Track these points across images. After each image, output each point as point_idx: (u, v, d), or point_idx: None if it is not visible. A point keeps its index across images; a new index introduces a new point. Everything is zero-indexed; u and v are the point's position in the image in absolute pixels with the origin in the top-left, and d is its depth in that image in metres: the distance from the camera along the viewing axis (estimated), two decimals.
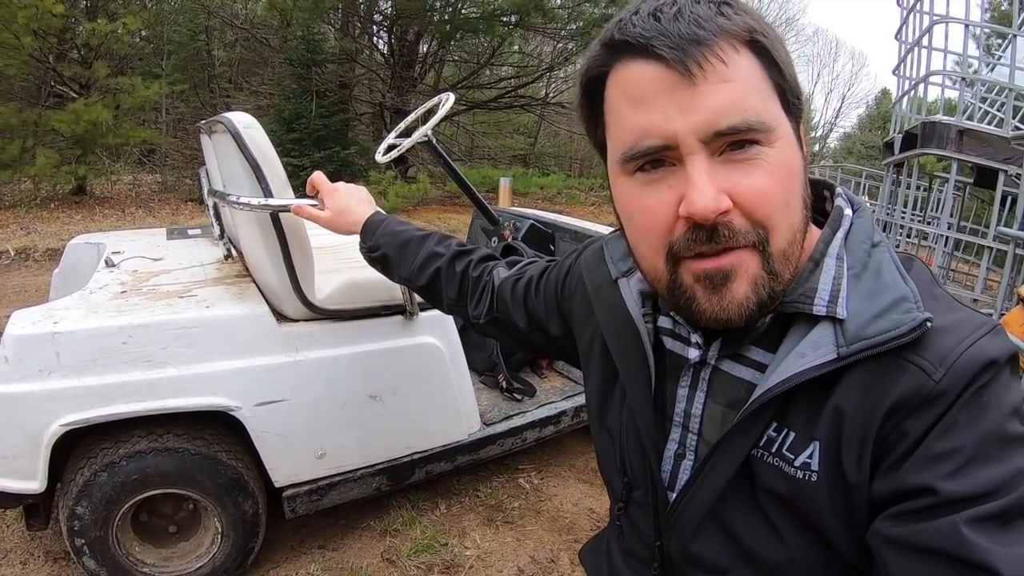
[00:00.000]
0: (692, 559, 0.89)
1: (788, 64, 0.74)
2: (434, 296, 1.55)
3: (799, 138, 0.76)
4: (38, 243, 7.91)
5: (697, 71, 0.68)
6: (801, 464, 0.75)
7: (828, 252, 0.79)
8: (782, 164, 0.72)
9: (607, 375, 1.02)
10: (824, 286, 0.76)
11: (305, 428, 2.31)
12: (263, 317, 2.24)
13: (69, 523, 2.12)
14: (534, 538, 2.85)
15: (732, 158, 0.71)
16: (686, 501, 0.87)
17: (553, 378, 3.50)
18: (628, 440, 0.98)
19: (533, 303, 1.28)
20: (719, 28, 0.69)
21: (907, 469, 0.68)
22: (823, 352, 0.73)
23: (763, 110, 0.71)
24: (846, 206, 0.83)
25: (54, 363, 1.98)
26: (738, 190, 0.70)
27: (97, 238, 3.39)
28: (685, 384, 0.90)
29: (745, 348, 0.83)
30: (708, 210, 0.69)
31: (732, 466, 0.81)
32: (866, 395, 0.72)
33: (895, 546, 0.67)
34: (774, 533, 0.80)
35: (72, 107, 10.01)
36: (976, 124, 6.60)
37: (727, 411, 0.85)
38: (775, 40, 0.73)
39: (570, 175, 20.96)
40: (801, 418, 0.76)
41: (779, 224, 0.73)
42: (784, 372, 0.74)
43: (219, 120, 2.21)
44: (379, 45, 16.10)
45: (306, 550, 2.65)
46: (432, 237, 1.55)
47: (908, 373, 0.70)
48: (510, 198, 9.74)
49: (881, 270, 0.76)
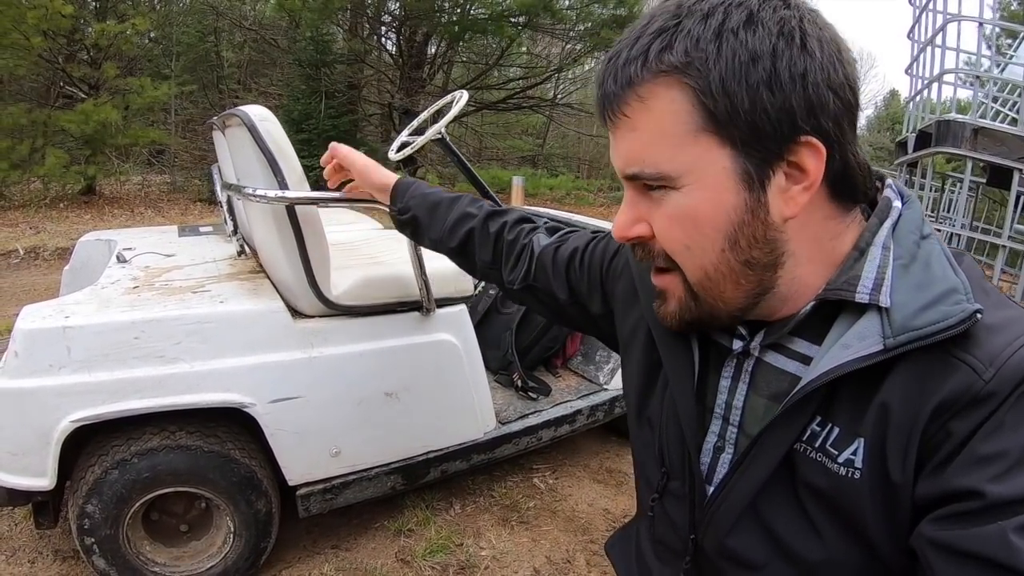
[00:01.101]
0: (728, 554, 0.86)
1: (736, 95, 0.67)
2: (466, 258, 1.49)
3: (750, 176, 0.71)
4: (47, 242, 7.91)
5: (610, 123, 0.76)
6: (845, 461, 0.73)
7: (874, 241, 0.76)
8: (683, 209, 0.74)
9: (650, 364, 0.99)
10: (868, 274, 0.73)
11: (320, 426, 2.27)
12: (278, 313, 2.20)
13: (79, 521, 2.08)
14: (549, 538, 2.81)
15: (649, 194, 0.77)
16: (724, 494, 0.84)
17: (568, 377, 3.46)
18: (668, 430, 0.94)
19: (576, 276, 1.23)
20: (628, 79, 0.72)
21: (952, 471, 0.66)
22: (869, 343, 0.70)
23: (664, 160, 0.72)
24: (895, 197, 0.80)
25: (65, 358, 1.95)
26: (652, 223, 0.78)
27: (108, 235, 3.37)
28: (727, 375, 0.87)
29: (788, 339, 0.81)
30: (617, 233, 0.81)
31: (773, 460, 0.79)
32: (913, 392, 0.69)
33: (941, 550, 0.65)
34: (813, 531, 0.77)
35: (81, 107, 10.07)
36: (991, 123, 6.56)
37: (770, 404, 0.82)
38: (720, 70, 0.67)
39: (579, 176, 20.97)
40: (846, 413, 0.74)
41: (684, 262, 0.77)
42: (828, 363, 0.72)
43: (234, 113, 2.19)
44: (388, 46, 16.18)
45: (319, 550, 2.62)
46: (464, 198, 1.51)
47: (957, 371, 0.67)
48: (523, 197, 9.72)
49: (931, 262, 0.73)
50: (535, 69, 17.26)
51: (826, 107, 0.69)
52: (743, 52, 0.67)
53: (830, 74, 0.69)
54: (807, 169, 0.70)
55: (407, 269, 2.36)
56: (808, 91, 0.68)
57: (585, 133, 20.10)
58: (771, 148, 0.70)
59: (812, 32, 0.69)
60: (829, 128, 0.70)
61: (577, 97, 19.16)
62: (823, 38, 0.69)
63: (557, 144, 22.35)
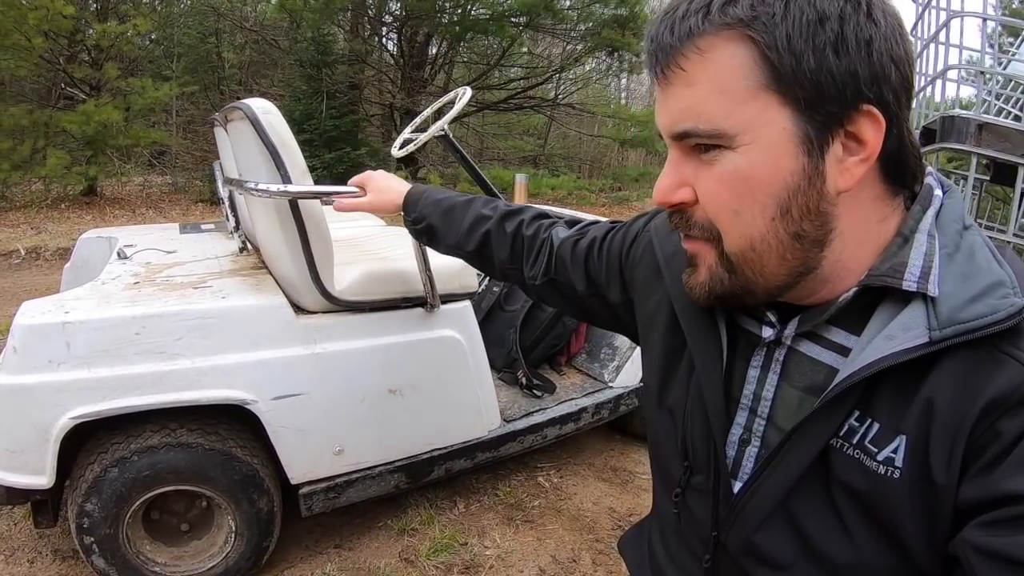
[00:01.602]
0: (754, 552, 0.83)
1: (803, 54, 0.65)
2: (485, 261, 1.49)
3: (811, 141, 0.68)
4: (48, 243, 7.90)
5: (662, 78, 0.73)
6: (884, 459, 0.70)
7: (919, 228, 0.73)
8: (738, 171, 0.70)
9: (672, 349, 0.96)
10: (915, 261, 0.70)
11: (323, 423, 2.25)
12: (280, 308, 2.18)
13: (78, 520, 2.06)
14: (555, 537, 2.79)
15: (699, 156, 0.73)
16: (754, 490, 0.81)
17: (573, 375, 3.44)
18: (692, 421, 0.91)
19: (595, 266, 1.21)
20: (687, 31, 0.69)
21: (1001, 473, 0.62)
22: (914, 335, 0.67)
23: (721, 116, 0.69)
24: (936, 186, 0.77)
25: (64, 354, 1.92)
26: (697, 187, 0.74)
27: (109, 232, 3.35)
28: (757, 364, 0.84)
29: (824, 328, 0.78)
30: (658, 198, 0.77)
31: (808, 456, 0.75)
32: (960, 389, 0.66)
33: (988, 556, 0.61)
34: (844, 531, 0.74)
35: (82, 108, 10.04)
36: (995, 118, 6.54)
37: (804, 396, 0.79)
38: (786, 29, 0.65)
39: (580, 176, 20.92)
40: (887, 408, 0.70)
41: (728, 229, 0.74)
42: (871, 355, 0.69)
43: (236, 107, 2.17)
44: (389, 46, 16.15)
45: (322, 549, 2.60)
46: (477, 200, 1.50)
47: (1007, 368, 0.64)
48: (526, 196, 9.70)
49: (975, 252, 0.71)
50: (536, 69, 17.23)
51: (888, 78, 0.67)
52: (811, 11, 0.65)
53: (892, 45, 0.67)
54: (865, 140, 0.68)
55: (411, 265, 2.34)
56: (872, 59, 0.66)
57: (587, 133, 20.05)
58: (833, 112, 0.67)
59: (877, 2, 0.67)
60: (889, 100, 0.68)
61: (579, 97, 19.11)
62: (886, 9, 0.68)
63: (558, 144, 22.31)
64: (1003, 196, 9.23)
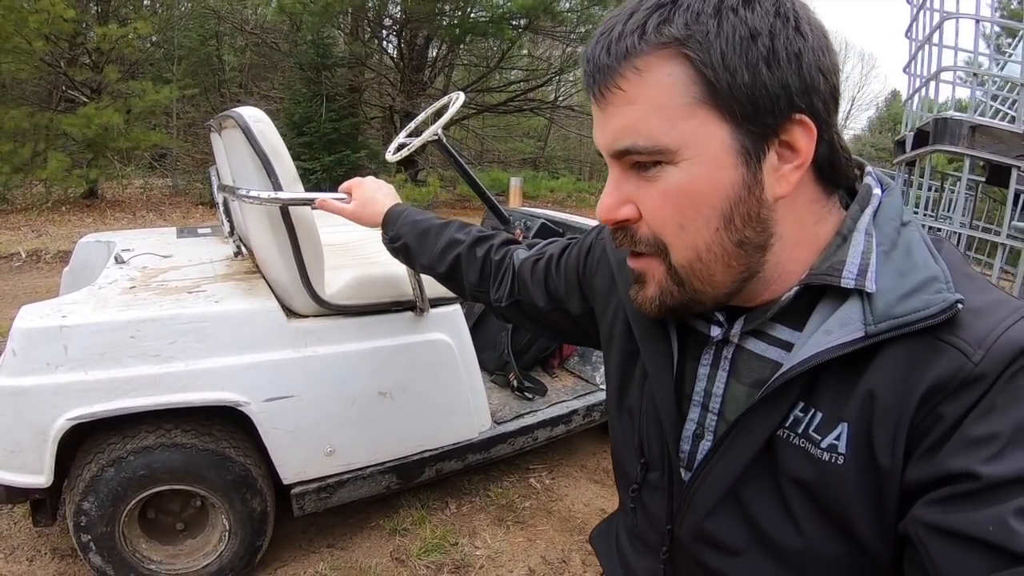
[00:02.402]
0: (706, 538, 0.86)
1: (738, 70, 0.68)
2: (455, 283, 1.52)
3: (748, 152, 0.71)
4: (49, 245, 7.93)
5: (600, 98, 0.75)
6: (828, 445, 0.73)
7: (856, 227, 0.76)
8: (681, 186, 0.72)
9: (629, 354, 1.00)
10: (853, 259, 0.74)
11: (314, 425, 2.29)
12: (272, 312, 2.22)
13: (75, 519, 2.10)
14: (545, 538, 2.82)
15: (640, 173, 0.75)
16: (703, 478, 0.84)
17: (564, 377, 3.48)
18: (647, 420, 0.95)
19: (554, 282, 1.25)
20: (624, 51, 0.71)
21: (945, 453, 0.66)
22: (850, 329, 0.71)
23: (661, 132, 0.71)
24: (875, 185, 0.81)
25: (62, 357, 1.97)
26: (639, 204, 0.76)
27: (107, 236, 3.39)
28: (706, 363, 0.87)
29: (769, 326, 0.81)
30: (602, 215, 0.79)
31: (754, 445, 0.79)
32: (900, 377, 0.69)
33: (937, 532, 0.64)
34: (792, 519, 0.77)
35: (83, 111, 10.08)
36: (988, 120, 6.55)
37: (751, 391, 0.82)
38: (720, 44, 0.68)
39: (580, 178, 20.95)
40: (829, 398, 0.74)
41: (674, 243, 0.76)
42: (811, 349, 0.72)
43: (229, 115, 2.20)
44: (388, 49, 16.17)
45: (314, 549, 2.64)
46: (452, 224, 1.53)
47: (945, 355, 0.67)
48: (520, 198, 9.72)
49: (911, 249, 0.74)
50: (536, 71, 17.26)
51: (818, 88, 0.70)
52: (743, 28, 0.67)
53: (820, 57, 0.70)
54: (799, 147, 0.72)
55: (401, 269, 2.37)
56: (803, 71, 0.69)
57: (586, 135, 20.04)
58: (768, 124, 0.70)
59: (803, 15, 0.70)
60: (819, 108, 0.71)
61: (578, 99, 19.11)
62: (812, 22, 0.71)
63: (558, 146, 22.35)
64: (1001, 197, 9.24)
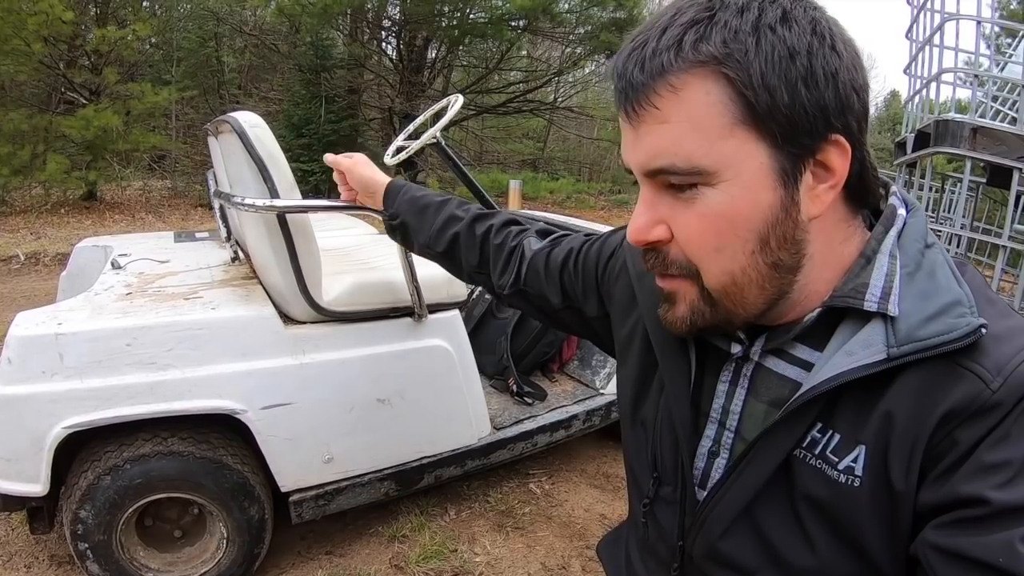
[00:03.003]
0: (719, 558, 0.85)
1: (777, 90, 0.67)
2: (454, 263, 1.49)
3: (787, 173, 0.70)
4: (48, 248, 7.93)
5: (634, 116, 0.72)
6: (845, 468, 0.72)
7: (881, 249, 0.76)
8: (721, 208, 0.71)
9: (646, 366, 0.99)
10: (876, 282, 0.73)
11: (312, 432, 2.28)
12: (269, 319, 2.21)
13: (72, 527, 2.09)
14: (545, 544, 2.81)
15: (675, 194, 0.73)
16: (718, 498, 0.84)
17: (564, 382, 3.47)
18: (662, 434, 0.94)
19: (570, 279, 1.22)
20: (660, 67, 0.69)
21: (958, 478, 0.65)
22: (873, 351, 0.70)
23: (699, 153, 0.69)
24: (900, 206, 0.80)
25: (57, 364, 1.95)
26: (673, 225, 0.75)
27: (104, 241, 3.37)
28: (726, 379, 0.87)
29: (790, 345, 0.80)
30: (633, 237, 0.77)
31: (771, 464, 0.78)
32: (919, 401, 0.69)
33: (946, 555, 0.65)
34: (807, 539, 0.77)
35: (82, 113, 10.07)
36: (990, 122, 6.54)
37: (770, 409, 0.82)
38: (759, 64, 0.67)
39: (580, 179, 20.97)
40: (848, 420, 0.73)
41: (708, 268, 0.74)
42: (832, 370, 0.71)
43: (225, 120, 2.19)
44: (388, 50, 16.16)
45: (313, 556, 2.62)
46: (452, 201, 1.50)
47: (964, 380, 0.67)
48: (520, 201, 9.72)
49: (935, 271, 0.73)
50: (535, 72, 17.24)
51: (852, 107, 0.70)
52: (781, 47, 0.66)
53: (854, 75, 0.69)
54: (834, 168, 0.71)
55: (399, 275, 2.36)
56: (839, 90, 0.68)
57: (586, 136, 20.11)
58: (806, 144, 0.69)
59: (838, 33, 0.69)
60: (854, 127, 0.70)
61: (577, 100, 19.15)
62: (846, 40, 0.70)
63: (558, 147, 22.35)
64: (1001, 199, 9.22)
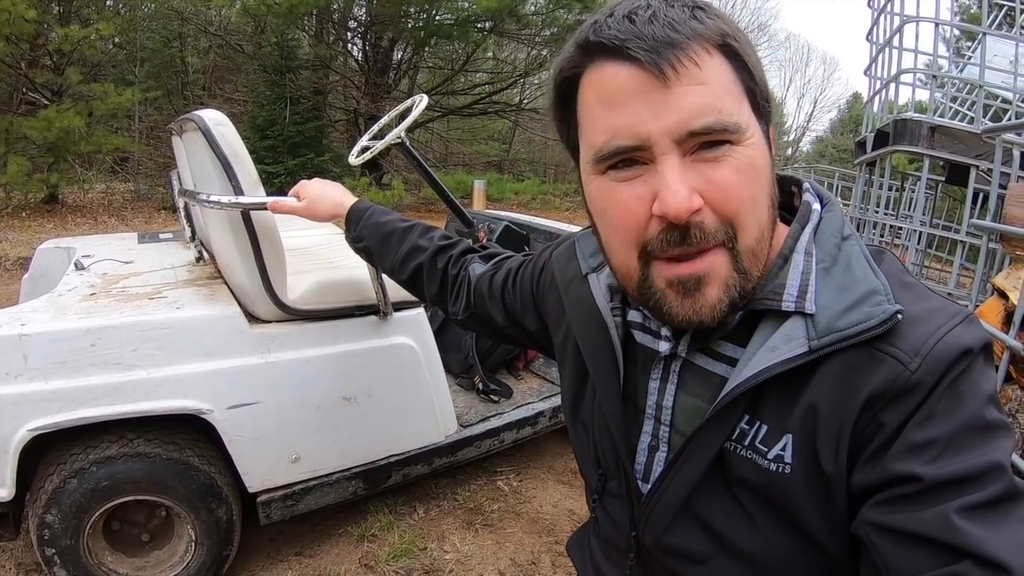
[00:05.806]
0: (668, 550, 0.89)
1: (758, 68, 0.75)
2: (416, 290, 1.56)
3: (768, 139, 0.77)
4: (9, 252, 7.81)
5: (671, 73, 0.69)
6: (774, 457, 0.76)
7: (796, 248, 0.79)
8: (751, 162, 0.73)
9: (581, 370, 1.02)
10: (792, 282, 0.77)
11: (278, 431, 2.28)
12: (234, 318, 2.20)
13: (39, 532, 2.07)
14: (514, 541, 2.83)
15: (702, 157, 0.71)
16: (659, 493, 0.87)
17: (530, 379, 3.49)
18: (600, 433, 0.98)
19: (510, 298, 1.28)
20: (692, 31, 0.70)
21: (889, 457, 0.68)
22: (795, 345, 0.73)
23: (735, 111, 0.71)
24: (814, 201, 0.84)
25: (21, 366, 1.93)
26: (708, 187, 0.71)
27: (67, 242, 3.34)
28: (656, 377, 0.90)
29: (715, 343, 0.83)
30: (681, 210, 0.70)
31: (705, 459, 0.81)
32: (841, 388, 0.72)
33: (886, 532, 0.67)
34: (750, 522, 0.80)
35: (44, 114, 9.94)
36: (948, 121, 6.67)
37: (701, 404, 0.85)
38: (746, 44, 0.74)
39: (545, 181, 21.04)
40: (773, 411, 0.77)
41: (746, 221, 0.73)
42: (756, 366, 0.74)
43: (189, 118, 2.18)
44: (353, 51, 16.13)
45: (282, 557, 2.62)
46: (415, 229, 1.55)
47: (883, 364, 0.70)
48: (484, 201, 9.75)
49: (851, 264, 0.77)
50: (501, 74, 17.28)
51: (769, 100, 0.79)
52: (741, 32, 0.75)
53: None
54: (773, 141, 0.79)
55: (364, 273, 2.37)
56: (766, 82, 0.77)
57: (551, 138, 20.08)
58: (766, 119, 0.77)
59: None
60: None
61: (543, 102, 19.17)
62: None
63: (523, 149, 22.42)
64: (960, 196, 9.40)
